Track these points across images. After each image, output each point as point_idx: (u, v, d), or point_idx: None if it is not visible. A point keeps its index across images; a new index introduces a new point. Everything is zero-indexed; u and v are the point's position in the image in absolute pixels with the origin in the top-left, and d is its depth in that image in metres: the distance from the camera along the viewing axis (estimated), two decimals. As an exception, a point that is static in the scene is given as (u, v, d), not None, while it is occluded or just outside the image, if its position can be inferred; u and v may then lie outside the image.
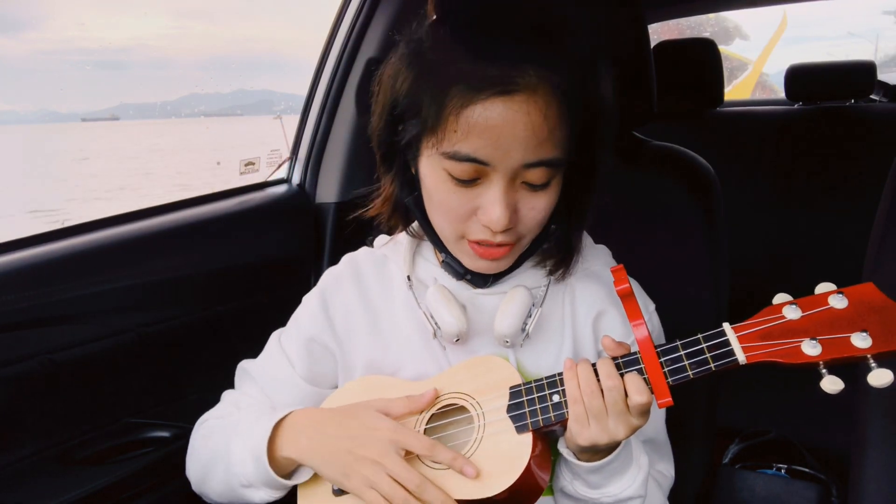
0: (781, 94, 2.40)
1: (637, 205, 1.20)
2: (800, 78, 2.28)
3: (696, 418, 1.16)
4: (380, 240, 0.95)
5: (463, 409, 0.77)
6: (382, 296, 0.90)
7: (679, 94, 2.17)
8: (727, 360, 0.66)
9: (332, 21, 1.54)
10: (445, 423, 0.79)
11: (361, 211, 0.88)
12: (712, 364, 0.67)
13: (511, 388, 0.75)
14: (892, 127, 2.13)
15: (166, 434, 1.21)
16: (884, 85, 2.38)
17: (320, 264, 1.51)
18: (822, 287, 0.67)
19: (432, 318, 0.82)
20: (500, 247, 0.76)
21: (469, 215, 0.74)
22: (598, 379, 0.70)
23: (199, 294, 1.30)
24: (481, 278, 0.84)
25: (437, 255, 0.87)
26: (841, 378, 0.62)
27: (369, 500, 0.73)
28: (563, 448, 0.76)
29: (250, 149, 1.58)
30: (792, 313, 0.65)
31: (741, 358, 0.65)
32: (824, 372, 0.63)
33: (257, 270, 1.41)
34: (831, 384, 0.62)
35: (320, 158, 1.57)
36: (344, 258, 0.95)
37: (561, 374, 0.73)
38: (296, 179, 1.59)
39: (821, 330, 0.64)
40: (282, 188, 1.56)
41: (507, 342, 0.81)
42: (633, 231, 1.18)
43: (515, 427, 0.73)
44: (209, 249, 1.33)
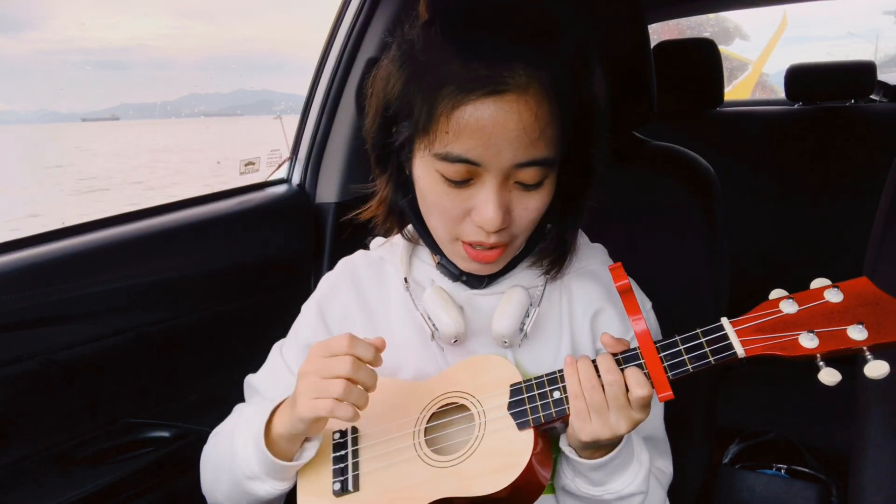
0: (781, 94, 2.40)
1: (637, 205, 1.20)
2: (800, 78, 2.28)
3: (696, 418, 1.16)
4: (376, 242, 0.95)
5: (464, 407, 0.77)
6: (380, 298, 0.90)
7: (679, 94, 2.17)
8: (726, 354, 0.66)
9: (332, 21, 1.54)
10: (446, 422, 0.79)
11: (356, 213, 0.88)
12: (711, 358, 0.67)
13: (512, 386, 0.75)
14: (892, 127, 2.12)
15: (166, 434, 1.21)
16: (884, 85, 2.37)
17: (320, 264, 1.51)
18: (818, 282, 0.67)
19: (430, 320, 0.82)
20: (493, 249, 0.76)
21: (463, 216, 0.74)
22: (599, 374, 0.70)
23: (199, 294, 1.30)
24: (477, 279, 0.84)
25: (433, 257, 0.87)
26: (841, 378, 0.63)
27: (319, 409, 0.71)
28: (564, 445, 0.76)
29: (250, 149, 1.58)
30: (789, 307, 0.66)
31: (740, 351, 0.66)
32: (822, 364, 0.63)
33: (257, 270, 1.41)
34: (829, 376, 0.63)
35: (320, 158, 1.57)
36: (340, 263, 0.95)
37: (561, 370, 0.73)
38: (296, 179, 1.59)
39: (817, 323, 0.64)
40: (282, 188, 1.56)
41: (506, 342, 0.81)
42: (633, 231, 1.18)
43: (517, 424, 0.73)
44: (209, 249, 1.33)
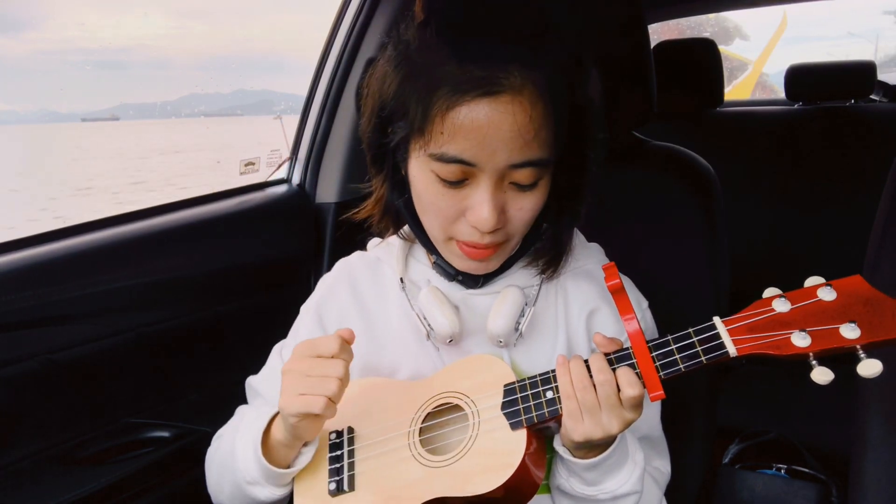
0: (781, 94, 2.40)
1: (637, 205, 1.20)
2: (800, 78, 2.27)
3: (696, 418, 1.16)
4: (372, 242, 0.95)
5: (458, 407, 0.78)
6: (376, 299, 0.90)
7: (679, 94, 2.17)
8: (718, 353, 0.66)
9: (332, 21, 1.54)
10: (441, 422, 0.79)
11: (352, 212, 0.88)
12: (703, 357, 0.67)
13: (505, 386, 0.75)
14: (892, 127, 2.12)
15: (166, 434, 1.21)
16: (884, 85, 2.37)
17: (320, 264, 1.51)
18: (812, 280, 0.67)
19: (425, 320, 0.82)
20: (489, 247, 0.76)
21: (458, 216, 0.74)
22: (591, 374, 0.70)
23: (199, 294, 1.30)
24: (472, 279, 0.84)
25: (429, 257, 0.88)
26: (841, 379, 0.62)
27: (304, 406, 0.71)
28: (558, 445, 0.76)
29: (250, 149, 1.58)
30: (781, 306, 0.66)
31: (731, 350, 0.66)
32: (814, 363, 0.63)
33: (257, 270, 1.41)
34: (821, 375, 0.62)
35: (320, 158, 1.57)
36: (337, 264, 0.96)
37: (554, 370, 0.73)
38: (296, 179, 1.59)
39: (810, 322, 0.64)
40: (282, 188, 1.57)
41: (501, 342, 0.81)
42: (633, 231, 1.18)
43: (510, 424, 0.73)
44: (209, 249, 1.33)
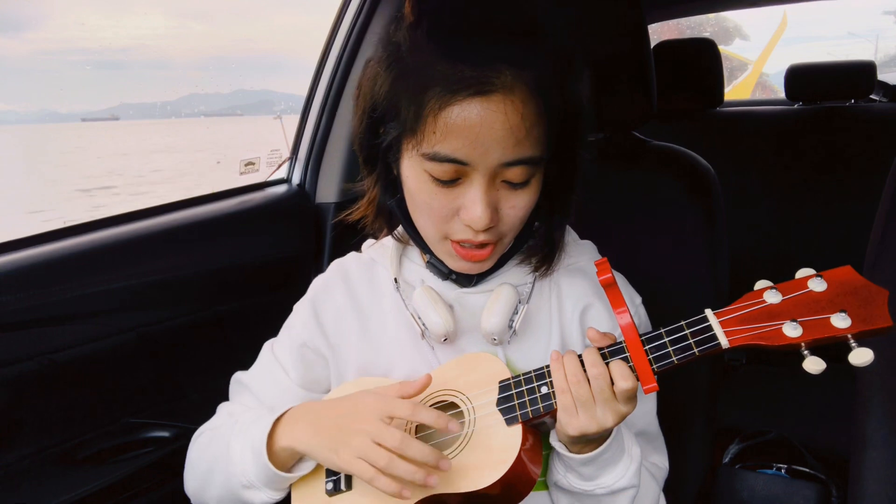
0: (781, 94, 2.40)
1: (637, 205, 1.20)
2: (800, 78, 2.27)
3: (696, 418, 1.16)
4: (367, 243, 0.95)
5: (453, 405, 0.78)
6: (371, 299, 0.90)
7: (679, 94, 2.17)
8: (710, 345, 0.67)
9: (331, 21, 1.54)
10: None
11: (345, 213, 0.89)
12: (696, 349, 0.67)
13: (500, 382, 0.76)
14: (892, 127, 2.12)
15: (166, 434, 1.21)
16: (884, 85, 2.37)
17: (320, 264, 1.51)
18: (802, 272, 0.67)
19: (419, 319, 0.82)
20: (482, 248, 0.76)
21: (451, 215, 0.75)
22: (585, 368, 0.71)
23: (199, 294, 1.30)
24: (466, 278, 0.85)
25: (423, 256, 0.88)
26: (841, 378, 0.62)
27: (359, 472, 0.71)
28: (554, 441, 0.77)
29: (250, 149, 1.58)
30: (773, 297, 0.66)
31: (724, 342, 0.66)
32: (806, 353, 0.63)
33: (257, 270, 1.41)
34: (813, 365, 0.63)
35: (320, 158, 1.57)
36: (332, 264, 0.96)
37: (549, 366, 0.74)
38: (296, 179, 1.59)
39: (801, 312, 0.64)
40: (282, 188, 1.57)
41: (495, 339, 0.82)
42: (633, 231, 1.18)
43: (505, 420, 0.73)
44: (209, 249, 1.33)
